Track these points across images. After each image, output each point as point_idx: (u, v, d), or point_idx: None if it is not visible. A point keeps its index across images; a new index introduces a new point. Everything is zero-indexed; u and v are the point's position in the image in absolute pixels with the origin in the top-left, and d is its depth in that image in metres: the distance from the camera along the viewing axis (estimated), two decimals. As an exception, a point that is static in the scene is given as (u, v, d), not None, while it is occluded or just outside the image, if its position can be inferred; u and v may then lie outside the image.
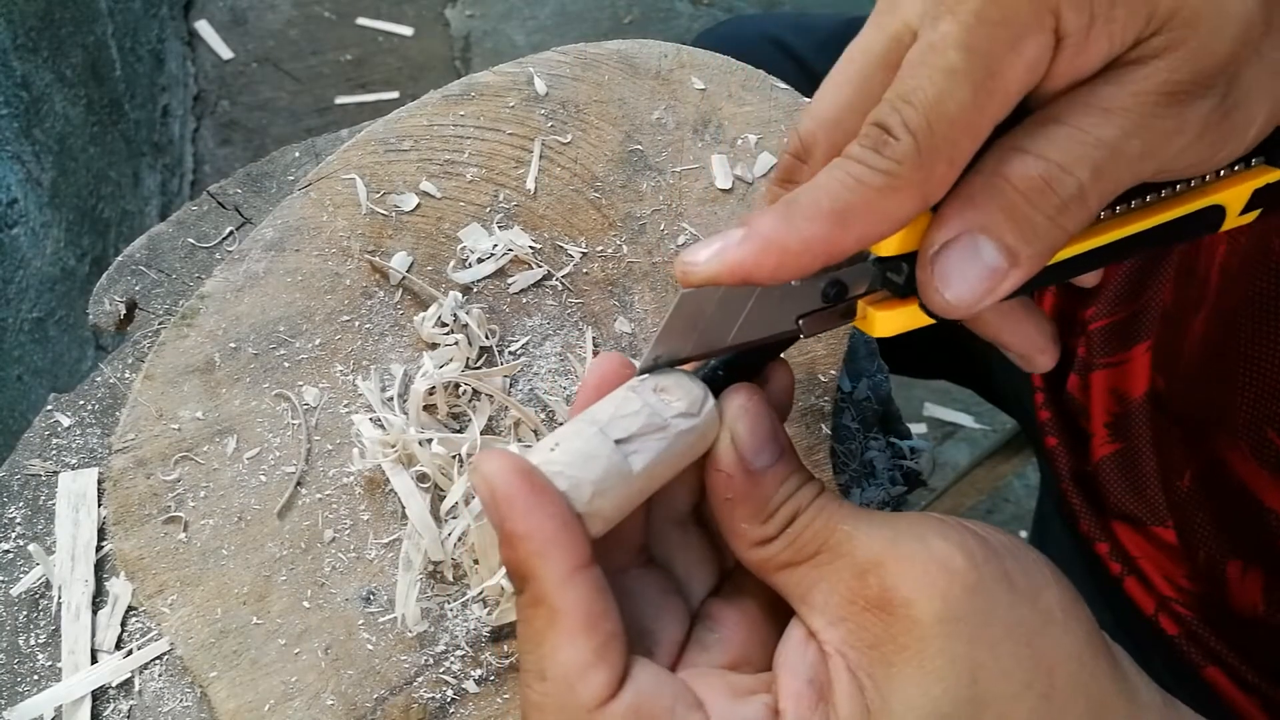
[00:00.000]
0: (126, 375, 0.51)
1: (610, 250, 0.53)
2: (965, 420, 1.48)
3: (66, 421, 0.50)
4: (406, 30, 1.76)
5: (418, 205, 0.54)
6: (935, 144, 0.26)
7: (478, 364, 0.50)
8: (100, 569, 0.46)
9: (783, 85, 0.60)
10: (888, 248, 0.30)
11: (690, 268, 0.28)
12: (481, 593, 0.44)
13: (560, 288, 0.52)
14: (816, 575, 0.28)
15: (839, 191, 0.27)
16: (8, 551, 0.47)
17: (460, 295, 0.51)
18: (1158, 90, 0.26)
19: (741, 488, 0.29)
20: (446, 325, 0.50)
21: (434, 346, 0.50)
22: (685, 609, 0.32)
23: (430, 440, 0.46)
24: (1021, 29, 0.25)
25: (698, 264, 0.28)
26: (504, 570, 0.44)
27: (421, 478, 0.46)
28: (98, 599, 0.46)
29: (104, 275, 0.54)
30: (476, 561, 0.44)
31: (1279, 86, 0.27)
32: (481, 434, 0.47)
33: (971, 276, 0.27)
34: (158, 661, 0.44)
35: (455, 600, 0.45)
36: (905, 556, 0.27)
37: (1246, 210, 0.32)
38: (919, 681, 0.26)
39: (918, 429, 1.48)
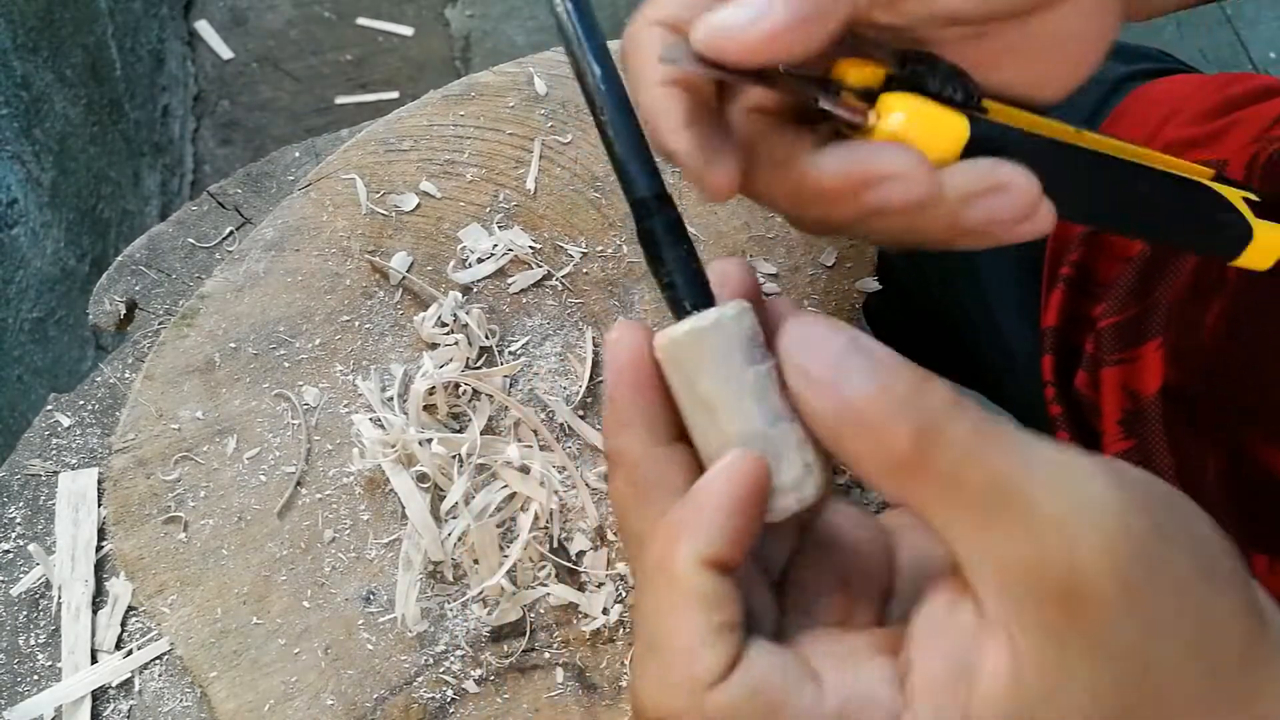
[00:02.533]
0: (126, 375, 0.51)
1: (610, 250, 0.53)
2: (965, 420, 1.48)
3: (66, 421, 0.50)
4: (406, 30, 1.76)
5: (418, 205, 0.54)
6: None
7: (478, 364, 0.50)
8: (100, 569, 0.46)
9: (783, 85, 0.60)
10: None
11: (729, 37, 0.27)
12: (481, 593, 0.44)
13: (560, 288, 0.52)
14: (980, 528, 0.22)
15: None
16: (8, 551, 0.47)
17: (460, 295, 0.51)
18: None
19: (840, 419, 0.23)
20: (446, 325, 0.50)
21: (434, 346, 0.50)
22: (768, 575, 0.29)
23: (430, 440, 0.46)
24: None
25: (742, 34, 0.27)
26: (504, 570, 0.44)
27: (421, 478, 0.46)
28: (98, 599, 0.46)
29: (104, 275, 0.54)
30: (476, 561, 0.44)
31: None
32: (481, 434, 0.47)
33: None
34: (158, 661, 0.44)
35: (455, 600, 0.45)
36: (1100, 531, 0.21)
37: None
38: (1091, 672, 0.22)
39: (918, 429, 1.47)
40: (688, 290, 0.26)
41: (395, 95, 1.68)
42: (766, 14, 0.27)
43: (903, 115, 0.28)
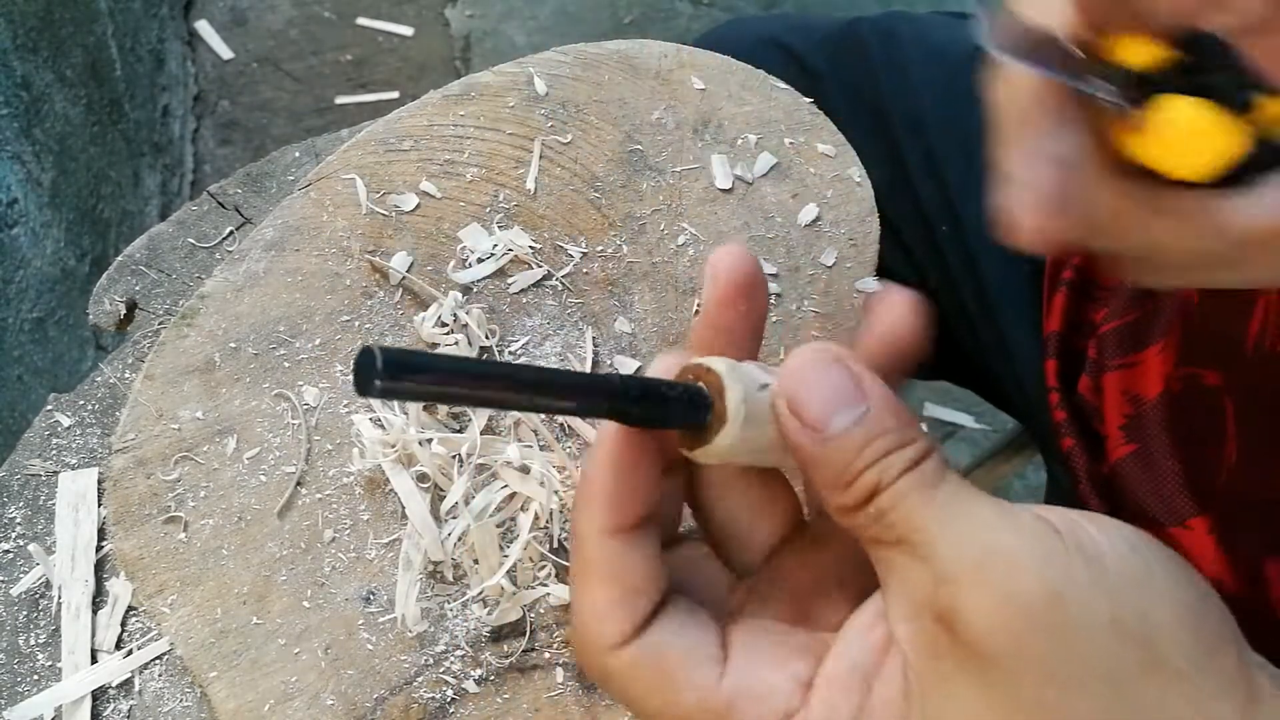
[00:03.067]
0: (126, 375, 0.51)
1: (610, 250, 0.53)
2: (965, 420, 1.48)
3: (66, 421, 0.50)
4: (406, 30, 1.76)
5: (418, 205, 0.54)
6: None
7: (478, 364, 0.50)
8: (100, 569, 0.46)
9: (783, 85, 0.60)
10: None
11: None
12: (481, 593, 0.44)
13: (560, 288, 0.52)
14: (897, 563, 0.25)
15: None
16: (8, 551, 0.47)
17: (460, 295, 0.51)
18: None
19: (809, 453, 0.26)
20: (446, 325, 0.50)
21: (434, 346, 0.50)
22: (747, 552, 0.31)
23: (430, 440, 0.46)
24: None
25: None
26: (504, 570, 0.44)
27: (421, 478, 0.46)
28: (98, 599, 0.46)
29: (104, 275, 0.54)
30: (476, 561, 0.44)
31: None
32: (481, 434, 0.47)
33: None
34: (158, 661, 0.44)
35: (455, 600, 0.45)
36: (985, 583, 0.24)
37: None
38: (972, 709, 0.24)
39: (918, 429, 1.47)
40: (692, 409, 0.26)
41: (395, 95, 1.68)
42: None
43: (1182, 124, 0.24)
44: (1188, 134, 0.24)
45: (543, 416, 0.49)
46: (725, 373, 0.25)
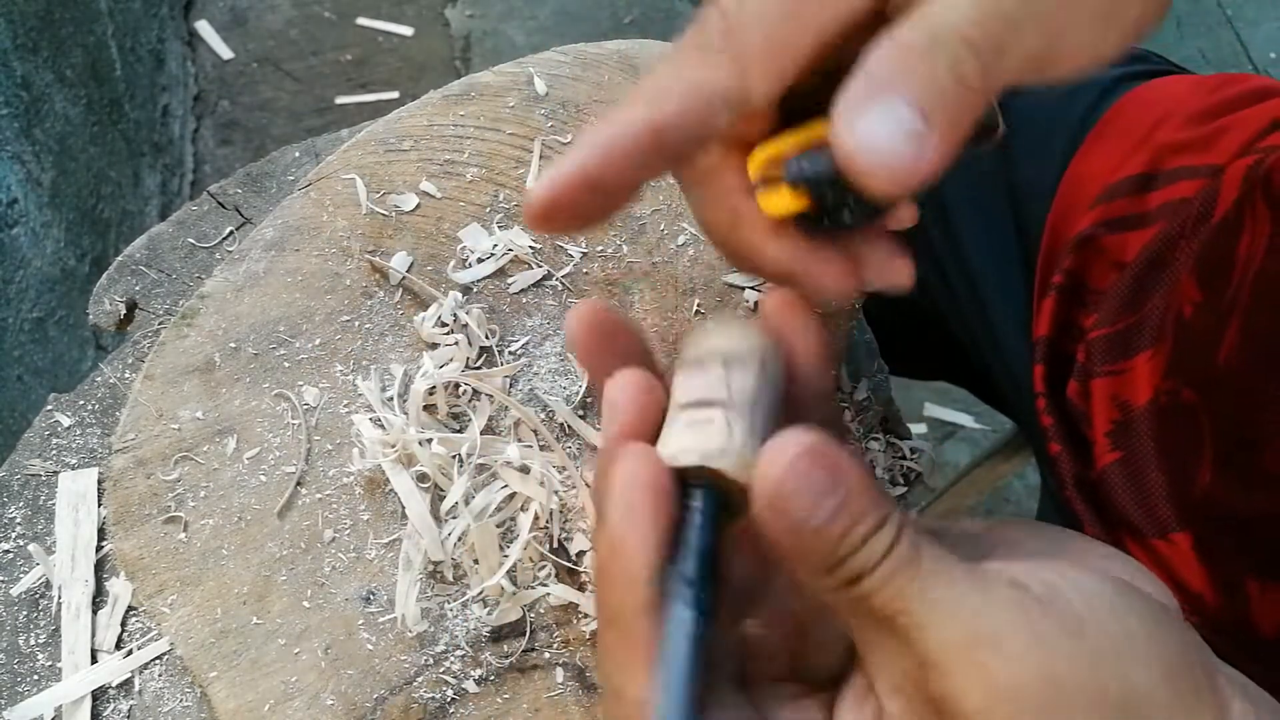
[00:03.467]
0: (126, 375, 0.51)
1: (610, 250, 0.53)
2: (965, 420, 1.48)
3: (66, 421, 0.50)
4: (406, 30, 1.76)
5: (418, 205, 0.54)
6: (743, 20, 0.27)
7: (478, 364, 0.50)
8: (100, 569, 0.46)
9: (783, 85, 0.60)
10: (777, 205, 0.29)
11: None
12: (481, 593, 0.44)
13: (560, 288, 0.52)
14: (884, 642, 0.25)
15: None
16: (8, 551, 0.47)
17: (460, 295, 0.51)
18: None
19: (791, 546, 0.25)
20: (446, 325, 0.50)
21: (434, 346, 0.50)
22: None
23: (430, 440, 0.46)
24: None
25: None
26: (504, 570, 0.44)
27: (421, 478, 0.46)
28: (98, 599, 0.46)
29: (104, 275, 0.54)
30: (476, 561, 0.44)
31: None
32: (481, 434, 0.47)
33: (897, 139, 0.25)
34: (158, 661, 0.44)
35: (455, 600, 0.45)
36: (975, 670, 0.24)
37: None
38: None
39: (918, 429, 1.48)
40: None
41: (395, 95, 1.68)
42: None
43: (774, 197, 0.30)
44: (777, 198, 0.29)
45: (543, 417, 0.49)
46: (734, 470, 0.26)
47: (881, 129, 0.25)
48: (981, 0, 0.25)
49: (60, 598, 0.45)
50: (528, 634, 0.44)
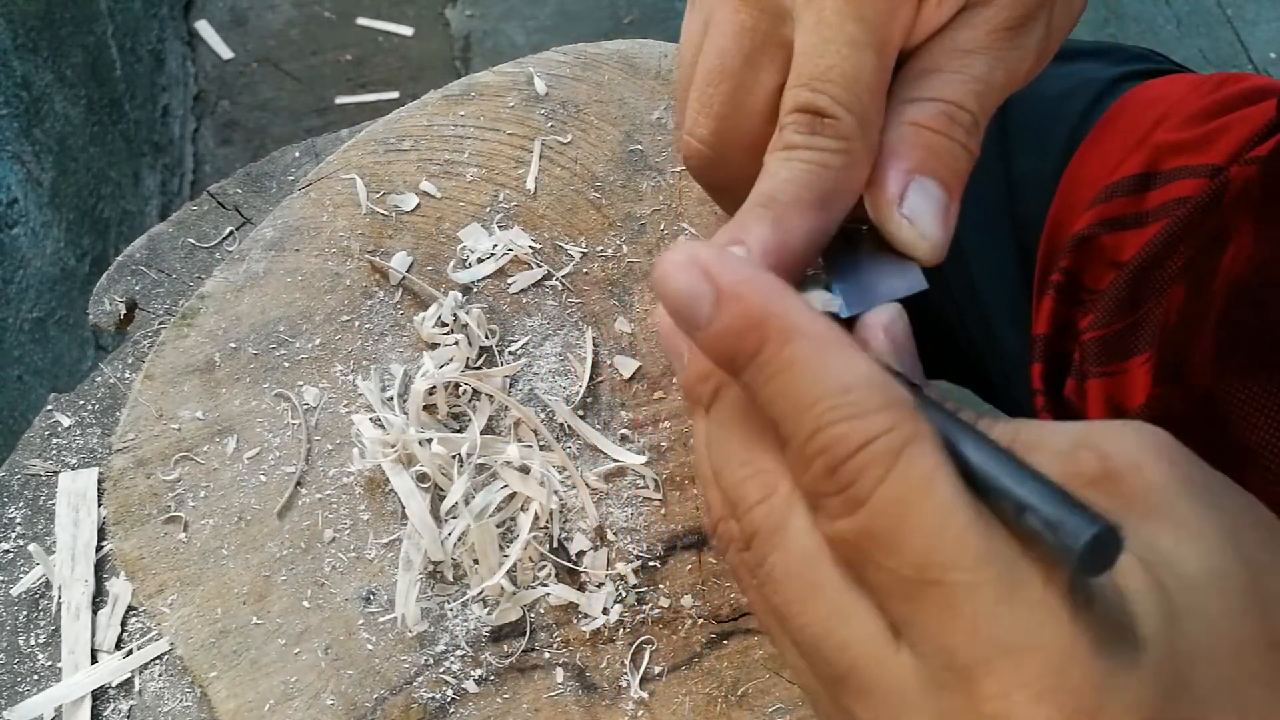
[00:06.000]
0: (126, 375, 0.51)
1: (610, 250, 0.53)
2: (965, 420, 1.48)
3: (66, 421, 0.50)
4: (406, 30, 1.76)
5: (418, 205, 0.54)
6: (866, 111, 0.30)
7: (478, 364, 0.50)
8: (100, 569, 0.46)
9: (783, 85, 0.60)
10: None
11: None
12: (481, 593, 0.44)
13: (560, 288, 0.52)
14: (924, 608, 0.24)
15: (811, 179, 0.29)
16: (8, 551, 0.47)
17: (460, 295, 0.51)
18: (1004, 26, 0.31)
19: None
20: (446, 325, 0.50)
21: (434, 346, 0.50)
22: None
23: (430, 440, 0.46)
24: None
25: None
26: (504, 570, 0.44)
27: (421, 478, 0.46)
28: (98, 599, 0.46)
29: (104, 275, 0.54)
30: (476, 561, 0.44)
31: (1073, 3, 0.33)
32: (481, 434, 0.47)
33: (934, 216, 0.30)
34: (158, 661, 0.44)
35: (455, 600, 0.45)
36: (1111, 431, 0.24)
37: None
38: (1177, 541, 0.23)
39: (918, 429, 1.47)
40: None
41: (395, 95, 1.68)
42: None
43: None
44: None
45: (543, 417, 0.49)
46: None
47: (920, 211, 0.30)
48: (999, 59, 0.31)
49: (60, 598, 0.45)
50: (528, 634, 0.44)
